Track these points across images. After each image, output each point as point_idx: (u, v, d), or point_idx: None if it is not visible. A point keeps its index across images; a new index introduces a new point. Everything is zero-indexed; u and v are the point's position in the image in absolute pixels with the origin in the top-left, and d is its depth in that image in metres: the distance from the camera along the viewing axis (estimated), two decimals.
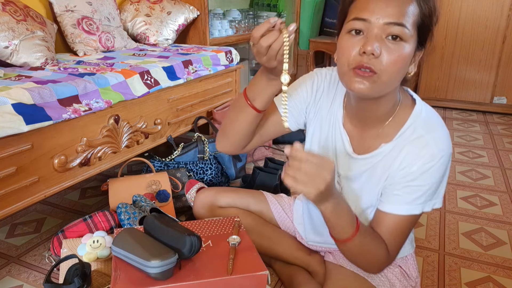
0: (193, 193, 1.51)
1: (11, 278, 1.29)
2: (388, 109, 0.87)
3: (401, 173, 0.86)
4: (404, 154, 0.86)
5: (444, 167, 0.85)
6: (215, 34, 2.66)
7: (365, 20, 0.75)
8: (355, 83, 0.77)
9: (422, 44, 0.80)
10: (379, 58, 0.74)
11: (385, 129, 0.89)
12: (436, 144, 0.83)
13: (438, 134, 0.85)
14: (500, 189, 1.91)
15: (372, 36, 0.74)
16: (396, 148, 0.87)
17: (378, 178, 0.90)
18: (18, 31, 1.56)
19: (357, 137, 0.93)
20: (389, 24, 0.74)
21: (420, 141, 0.84)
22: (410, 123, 0.86)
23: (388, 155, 0.88)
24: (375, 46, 0.73)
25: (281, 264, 1.24)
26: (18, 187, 1.19)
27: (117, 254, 0.95)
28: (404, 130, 0.87)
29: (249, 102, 0.88)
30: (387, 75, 0.76)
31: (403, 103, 0.88)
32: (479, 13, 2.99)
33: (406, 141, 0.86)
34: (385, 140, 0.89)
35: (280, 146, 2.38)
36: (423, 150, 0.83)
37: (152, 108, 1.68)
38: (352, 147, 0.94)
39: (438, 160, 0.83)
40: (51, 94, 1.26)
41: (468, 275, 1.31)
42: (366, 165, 0.92)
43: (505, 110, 3.14)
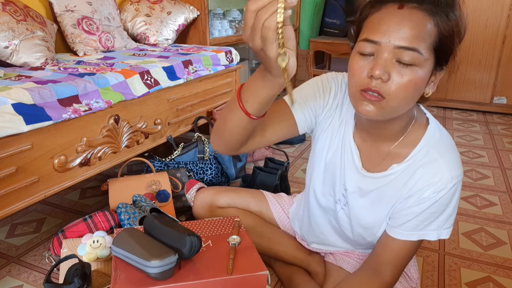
0: (193, 193, 1.51)
1: (11, 278, 1.29)
2: (400, 128, 0.84)
3: (413, 199, 0.84)
4: (416, 178, 0.83)
5: (456, 192, 0.83)
6: (215, 34, 2.66)
7: (375, 43, 0.71)
8: (362, 105, 0.75)
9: (442, 64, 0.76)
10: (388, 82, 0.71)
11: (396, 148, 0.86)
12: (450, 170, 0.81)
13: (451, 159, 0.82)
14: (500, 189, 1.91)
15: (381, 60, 0.71)
16: (408, 171, 0.84)
17: (387, 200, 0.88)
18: (18, 31, 1.56)
19: (367, 153, 0.90)
20: (400, 48, 0.69)
21: (433, 166, 0.82)
22: (423, 144, 0.84)
23: (399, 177, 0.85)
24: (383, 71, 0.70)
25: (281, 264, 1.24)
26: (18, 187, 1.19)
27: (117, 254, 0.95)
28: (416, 152, 0.84)
29: (241, 104, 0.70)
30: (396, 100, 0.72)
31: (417, 122, 0.85)
32: (479, 13, 2.99)
33: (419, 163, 0.83)
34: (396, 161, 0.86)
35: (280, 146, 2.38)
36: (437, 176, 0.81)
37: (152, 108, 1.68)
38: (361, 162, 0.91)
39: (451, 187, 0.81)
40: (51, 94, 1.26)
41: (468, 275, 1.31)
42: (375, 184, 0.89)
43: (505, 110, 3.14)
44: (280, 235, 1.22)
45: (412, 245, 0.87)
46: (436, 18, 0.70)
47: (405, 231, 0.86)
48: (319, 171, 1.00)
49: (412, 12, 0.70)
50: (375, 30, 0.71)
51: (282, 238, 1.21)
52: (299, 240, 1.21)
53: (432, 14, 0.70)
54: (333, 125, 0.94)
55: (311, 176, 1.03)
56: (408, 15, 0.69)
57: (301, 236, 1.19)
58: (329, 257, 1.13)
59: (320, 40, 3.66)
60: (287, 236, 1.22)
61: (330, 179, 0.98)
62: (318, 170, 1.00)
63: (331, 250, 1.12)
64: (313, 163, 1.02)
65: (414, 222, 0.85)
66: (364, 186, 0.91)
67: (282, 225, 1.25)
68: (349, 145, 0.92)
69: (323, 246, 1.13)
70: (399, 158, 0.85)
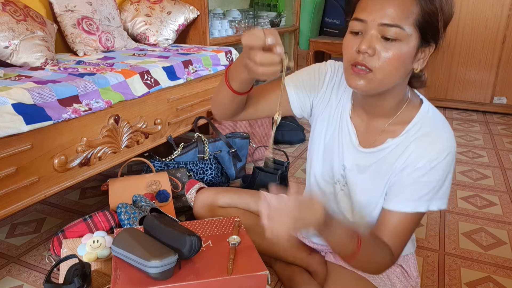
0: (193, 193, 1.51)
1: (11, 278, 1.29)
2: (394, 105, 0.89)
3: (407, 170, 0.87)
4: (410, 150, 0.87)
5: (450, 165, 0.86)
6: (215, 34, 2.66)
7: (362, 21, 0.78)
8: (352, 80, 0.81)
9: (429, 41, 0.80)
10: (374, 56, 0.77)
11: (391, 125, 0.91)
12: (443, 142, 0.85)
13: (445, 132, 0.87)
14: (500, 189, 1.91)
15: (368, 36, 0.77)
16: (403, 144, 0.88)
17: (384, 173, 0.91)
18: (18, 31, 1.56)
19: (364, 131, 0.95)
20: (384, 25, 0.76)
21: (426, 138, 0.86)
22: (417, 120, 0.88)
23: (394, 150, 0.90)
24: (368, 46, 0.77)
25: (281, 264, 1.24)
26: (18, 187, 1.19)
27: (117, 254, 0.95)
28: (411, 127, 0.88)
29: (227, 83, 0.86)
30: (382, 73, 0.79)
31: (411, 101, 0.90)
32: (479, 13, 2.99)
33: (413, 137, 0.87)
34: (391, 136, 0.90)
35: (280, 146, 2.38)
36: (430, 147, 0.85)
37: (152, 108, 1.68)
38: (358, 140, 0.95)
39: (444, 157, 0.84)
40: (51, 94, 1.26)
41: (468, 275, 1.31)
42: (372, 159, 0.93)
43: (505, 110, 3.14)
44: None
45: (410, 218, 0.88)
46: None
47: (401, 203, 0.88)
48: (318, 153, 1.03)
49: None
50: (363, 10, 0.79)
51: None
52: (300, 238, 1.21)
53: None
54: (330, 107, 1.00)
55: (311, 161, 1.06)
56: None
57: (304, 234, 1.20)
58: (330, 256, 1.13)
59: (320, 40, 3.66)
60: None
61: (329, 160, 1.01)
62: (318, 152, 1.03)
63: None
64: (312, 148, 1.06)
65: (409, 192, 0.87)
66: (361, 162, 0.95)
67: None
68: (346, 124, 0.97)
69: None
70: (394, 133, 0.90)
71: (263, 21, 3.27)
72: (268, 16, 3.38)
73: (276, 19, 3.43)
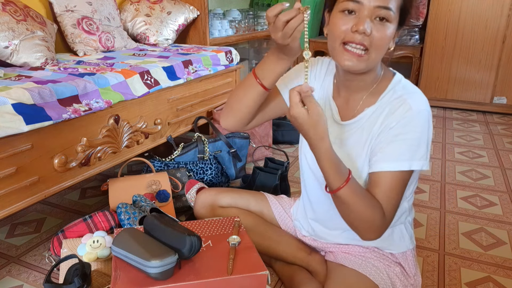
0: (193, 193, 1.51)
1: (11, 278, 1.30)
2: (371, 79, 0.96)
3: (384, 132, 0.92)
4: (384, 115, 0.93)
5: (423, 123, 0.90)
6: (215, 34, 2.66)
7: (358, 2, 0.84)
8: (346, 59, 0.88)
9: (401, 24, 0.90)
10: (369, 36, 0.84)
11: (368, 96, 0.97)
12: (414, 101, 0.90)
13: (415, 95, 0.93)
14: (500, 189, 1.91)
15: (364, 17, 0.84)
16: (378, 110, 0.95)
17: (364, 141, 0.96)
18: (18, 31, 1.56)
19: (344, 106, 1.02)
20: (379, 7, 0.83)
21: (398, 100, 0.92)
22: (390, 88, 0.96)
23: (371, 116, 0.96)
24: (367, 26, 0.83)
25: (281, 264, 1.24)
26: (18, 187, 1.19)
27: (117, 254, 0.95)
28: (385, 94, 0.95)
29: (258, 81, 0.95)
30: (375, 51, 0.87)
31: (385, 74, 0.98)
32: (479, 13, 2.99)
33: (387, 102, 0.94)
34: (368, 105, 0.97)
35: (280, 146, 2.38)
36: (401, 107, 0.90)
37: (152, 108, 1.68)
38: (340, 115, 1.02)
39: (416, 115, 0.89)
40: (51, 94, 1.26)
41: (468, 275, 1.31)
42: (353, 129, 0.98)
43: (505, 110, 3.14)
44: (281, 235, 1.22)
45: (395, 176, 0.89)
46: None
47: (382, 163, 0.90)
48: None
49: None
50: None
51: (282, 238, 1.21)
52: (300, 237, 1.21)
53: None
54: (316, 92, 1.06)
55: (302, 142, 1.11)
56: None
57: (300, 229, 1.20)
58: (330, 256, 1.13)
59: (320, 40, 3.66)
60: (287, 236, 1.23)
61: None
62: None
63: (329, 242, 1.12)
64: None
65: (388, 152, 0.90)
66: (342, 135, 1.00)
67: (283, 224, 1.25)
68: (329, 104, 1.04)
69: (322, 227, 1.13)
70: (370, 103, 0.97)
71: (263, 21, 3.27)
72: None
73: None
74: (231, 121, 1.04)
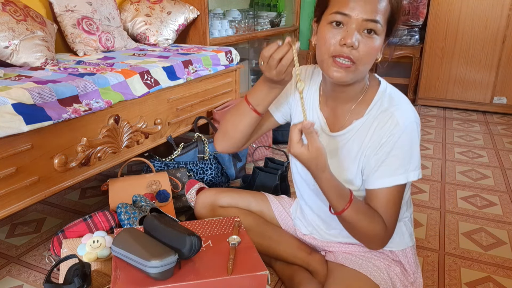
0: (193, 193, 1.51)
1: (11, 278, 1.30)
2: (358, 90, 0.97)
3: (374, 148, 0.93)
4: (373, 128, 0.94)
5: (412, 135, 0.92)
6: (215, 34, 2.66)
7: (346, 15, 0.84)
8: (334, 72, 0.88)
9: (388, 35, 0.91)
10: (357, 49, 0.85)
11: (356, 107, 0.98)
12: (400, 114, 0.91)
13: (401, 106, 0.93)
14: (500, 189, 1.91)
15: (352, 30, 0.84)
16: (367, 123, 0.96)
17: (355, 154, 0.97)
18: (18, 31, 1.56)
19: (332, 117, 1.02)
20: (367, 20, 0.84)
21: (385, 114, 0.93)
22: (376, 99, 0.96)
23: (360, 130, 0.97)
24: (355, 40, 0.84)
25: (282, 264, 1.24)
26: (18, 187, 1.19)
27: (117, 254, 0.95)
28: (372, 106, 0.96)
29: (252, 107, 0.97)
30: (362, 64, 0.87)
31: (371, 84, 0.98)
32: (479, 13, 2.99)
33: (374, 115, 0.95)
34: (356, 117, 0.98)
35: (280, 146, 2.38)
36: (388, 122, 0.92)
37: (152, 108, 1.68)
38: (328, 126, 1.02)
39: (404, 129, 0.90)
40: (51, 94, 1.26)
41: (468, 275, 1.31)
42: (342, 141, 1.00)
43: (505, 110, 3.14)
44: (281, 234, 1.22)
45: (392, 191, 0.93)
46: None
47: (378, 180, 0.93)
48: None
49: None
50: (345, 4, 0.85)
51: (282, 237, 1.21)
52: (300, 236, 1.21)
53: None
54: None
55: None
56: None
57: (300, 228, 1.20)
58: (330, 256, 1.13)
59: None
60: (288, 235, 1.23)
61: None
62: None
63: (329, 240, 1.13)
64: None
65: (383, 169, 0.92)
66: (332, 146, 1.01)
67: (283, 223, 1.25)
68: (317, 114, 1.04)
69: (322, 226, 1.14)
70: (359, 114, 0.98)
71: (263, 21, 3.27)
72: (268, 16, 3.38)
73: (276, 19, 3.43)
74: (226, 146, 1.07)
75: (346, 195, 0.91)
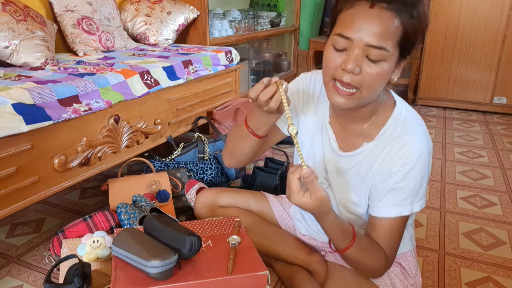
0: (193, 193, 1.51)
1: (11, 278, 1.29)
2: (371, 110, 0.91)
3: (383, 175, 0.89)
4: (384, 154, 0.89)
5: (425, 166, 0.88)
6: (215, 34, 2.66)
7: (348, 39, 0.77)
8: (334, 97, 0.83)
9: (405, 55, 0.82)
10: (359, 75, 0.78)
11: (367, 128, 0.93)
12: (414, 144, 0.86)
13: (416, 134, 0.88)
14: (500, 189, 1.91)
15: (353, 55, 0.77)
16: (377, 148, 0.91)
17: (363, 176, 0.94)
18: (18, 31, 1.56)
19: (342, 135, 0.98)
20: (370, 46, 0.76)
21: (398, 141, 0.88)
22: (390, 123, 0.90)
23: (370, 154, 0.92)
24: (355, 66, 0.77)
25: (281, 264, 1.24)
26: (18, 187, 1.19)
27: (117, 254, 0.95)
28: (384, 130, 0.90)
29: (251, 131, 0.93)
30: (366, 90, 0.80)
31: (386, 103, 0.92)
32: (479, 13, 2.99)
33: (386, 141, 0.90)
34: (367, 139, 0.93)
35: (280, 146, 2.38)
36: (401, 151, 0.87)
37: (152, 108, 1.68)
38: (337, 144, 0.98)
39: (416, 161, 0.86)
40: (51, 94, 1.26)
41: (468, 275, 1.31)
42: (350, 163, 0.95)
43: (505, 110, 3.14)
44: (281, 234, 1.22)
45: (396, 221, 0.90)
46: (402, 17, 0.76)
47: (384, 209, 0.90)
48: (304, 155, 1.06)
49: (381, 12, 0.75)
50: (348, 26, 0.77)
51: (282, 238, 1.21)
52: (300, 236, 1.21)
53: (399, 14, 0.75)
54: (310, 115, 1.03)
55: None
56: (377, 15, 0.75)
57: (299, 229, 1.20)
58: (330, 256, 1.13)
59: (320, 40, 3.66)
60: (287, 236, 1.23)
61: (311, 164, 1.04)
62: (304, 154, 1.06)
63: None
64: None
65: (390, 198, 0.89)
66: (340, 166, 0.97)
67: (283, 223, 1.25)
68: (326, 130, 1.00)
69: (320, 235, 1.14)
70: (370, 137, 0.92)
71: (263, 21, 3.27)
72: (268, 16, 3.38)
73: (276, 19, 3.43)
74: (233, 164, 1.06)
75: (349, 233, 0.87)
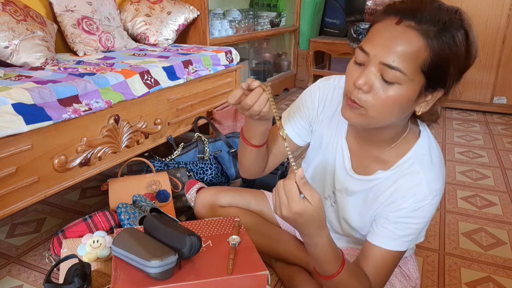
0: (193, 193, 1.51)
1: (11, 278, 1.29)
2: (390, 136, 0.85)
3: (392, 206, 0.86)
4: (396, 186, 0.85)
5: (434, 207, 0.85)
6: (215, 34, 2.66)
7: (366, 53, 0.73)
8: (345, 111, 0.79)
9: (436, 86, 0.74)
10: (368, 93, 0.73)
11: (385, 154, 0.88)
12: (430, 184, 0.83)
13: (434, 174, 0.84)
14: (500, 189, 1.91)
15: (367, 72, 0.72)
16: (391, 178, 0.87)
17: (370, 202, 0.91)
18: (18, 31, 1.56)
19: (357, 155, 0.93)
20: (385, 65, 0.70)
21: (414, 178, 0.84)
22: (409, 156, 0.85)
23: (382, 183, 0.88)
24: (364, 82, 0.72)
25: (281, 264, 1.24)
26: (18, 187, 1.19)
27: (117, 254, 0.95)
28: (402, 162, 0.86)
29: (247, 142, 0.93)
30: (375, 111, 0.74)
31: (409, 134, 0.86)
32: (479, 13, 2.99)
33: (402, 174, 0.85)
34: (382, 167, 0.88)
35: None
36: (416, 188, 0.83)
37: (152, 108, 1.68)
38: (351, 163, 0.94)
39: (430, 200, 0.83)
40: (51, 94, 1.26)
41: (468, 275, 1.31)
42: (360, 186, 0.92)
43: (505, 110, 3.14)
44: (281, 234, 1.22)
45: (391, 255, 0.86)
46: (430, 40, 0.68)
47: (383, 239, 0.86)
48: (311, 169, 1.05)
49: (406, 30, 0.69)
50: (369, 41, 0.73)
51: (282, 237, 1.21)
52: (300, 236, 1.21)
53: (426, 36, 0.68)
54: (325, 126, 0.98)
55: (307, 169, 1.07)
56: (401, 33, 0.69)
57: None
58: None
59: (320, 40, 3.66)
60: (287, 235, 1.23)
61: (320, 177, 1.02)
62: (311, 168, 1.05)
63: None
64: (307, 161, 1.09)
65: (392, 231, 0.85)
66: (350, 186, 0.94)
67: (283, 223, 1.25)
68: (341, 145, 0.95)
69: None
70: (386, 165, 0.88)
71: (263, 21, 3.27)
72: (268, 16, 3.38)
73: (276, 19, 3.43)
74: (249, 175, 1.05)
75: (339, 256, 0.81)
